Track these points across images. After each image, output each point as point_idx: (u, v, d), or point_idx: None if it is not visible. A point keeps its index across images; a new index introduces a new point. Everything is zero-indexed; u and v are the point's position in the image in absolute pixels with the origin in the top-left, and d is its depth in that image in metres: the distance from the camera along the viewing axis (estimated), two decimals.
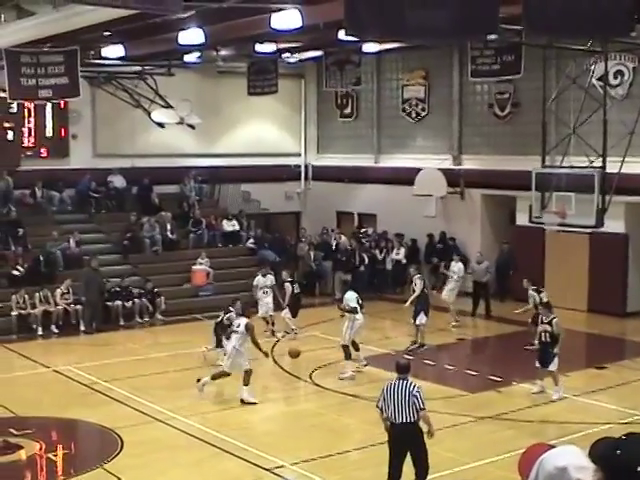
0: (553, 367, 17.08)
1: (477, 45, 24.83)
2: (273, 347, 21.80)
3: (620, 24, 15.05)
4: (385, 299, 27.24)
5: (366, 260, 28.84)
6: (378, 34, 15.01)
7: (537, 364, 17.30)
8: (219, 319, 19.57)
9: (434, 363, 20.19)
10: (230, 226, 30.14)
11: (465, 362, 21.10)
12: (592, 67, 24.12)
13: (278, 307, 23.59)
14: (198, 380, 17.49)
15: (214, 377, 17.37)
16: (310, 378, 19.00)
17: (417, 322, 21.45)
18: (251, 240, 30.07)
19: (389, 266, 29.32)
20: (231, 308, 18.62)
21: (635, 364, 20.50)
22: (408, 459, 11.71)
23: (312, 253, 29.34)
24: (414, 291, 21.66)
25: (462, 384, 18.15)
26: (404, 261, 28.69)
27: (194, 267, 27.46)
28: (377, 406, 11.95)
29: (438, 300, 23.95)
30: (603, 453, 3.58)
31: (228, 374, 17.19)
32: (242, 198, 32.76)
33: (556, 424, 15.80)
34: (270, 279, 23.99)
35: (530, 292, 21.39)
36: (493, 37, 19.43)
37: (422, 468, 11.74)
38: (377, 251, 29.55)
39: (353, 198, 32.59)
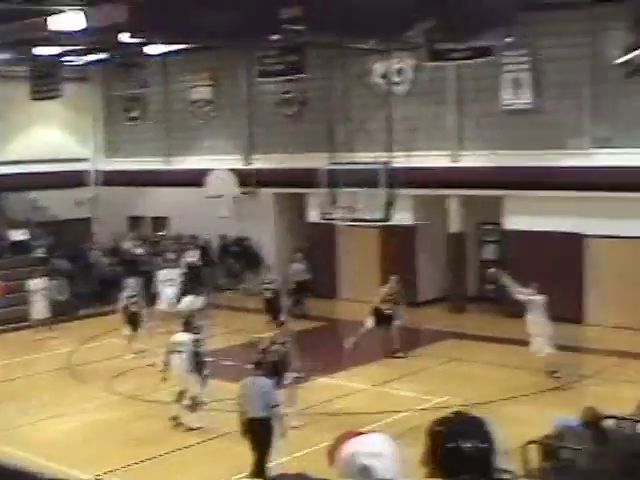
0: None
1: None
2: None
3: (397, 25, 15.58)
4: None
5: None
6: (163, 36, 14.90)
7: None
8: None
9: (234, 363, 20.17)
10: (19, 235, 29.14)
11: None
12: (375, 66, 24.82)
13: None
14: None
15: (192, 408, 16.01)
16: (110, 387, 18.69)
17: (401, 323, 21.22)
18: (42, 249, 29.16)
19: (183, 269, 28.94)
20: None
21: (428, 351, 21.29)
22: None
23: (105, 259, 28.76)
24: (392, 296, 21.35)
25: None
26: (199, 263, 28.56)
27: None
28: None
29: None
30: (432, 428, 3.83)
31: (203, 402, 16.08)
32: (30, 206, 31.73)
33: (357, 415, 16.16)
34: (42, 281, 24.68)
35: None
36: (276, 38, 19.68)
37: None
38: (171, 254, 29.15)
39: (145, 202, 32.21)
